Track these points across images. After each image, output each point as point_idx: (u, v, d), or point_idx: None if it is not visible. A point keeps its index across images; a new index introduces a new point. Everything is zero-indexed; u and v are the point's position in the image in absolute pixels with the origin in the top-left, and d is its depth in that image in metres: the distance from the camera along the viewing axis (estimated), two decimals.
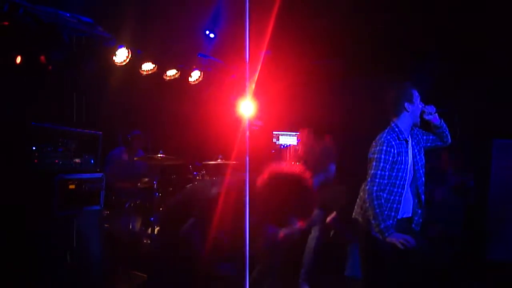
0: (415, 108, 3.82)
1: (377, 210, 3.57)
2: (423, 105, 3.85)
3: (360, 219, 3.86)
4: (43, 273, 4.05)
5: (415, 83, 3.90)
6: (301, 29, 6.15)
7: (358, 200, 3.95)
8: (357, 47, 6.52)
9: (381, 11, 5.55)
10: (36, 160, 4.14)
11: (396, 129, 3.81)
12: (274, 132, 7.86)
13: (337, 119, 6.95)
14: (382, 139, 3.73)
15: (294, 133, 7.77)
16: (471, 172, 6.75)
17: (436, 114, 3.86)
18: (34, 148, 4.13)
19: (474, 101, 6.60)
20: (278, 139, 7.81)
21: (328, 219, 5.25)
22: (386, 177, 3.67)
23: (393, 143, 3.72)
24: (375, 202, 3.58)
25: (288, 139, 7.79)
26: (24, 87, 4.86)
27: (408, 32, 6.11)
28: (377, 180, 3.63)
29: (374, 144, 3.79)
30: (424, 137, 4.02)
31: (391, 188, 3.73)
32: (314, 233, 5.53)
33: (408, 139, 3.84)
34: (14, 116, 4.48)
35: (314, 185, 3.44)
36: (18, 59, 4.67)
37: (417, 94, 3.84)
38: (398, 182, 3.72)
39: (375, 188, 3.62)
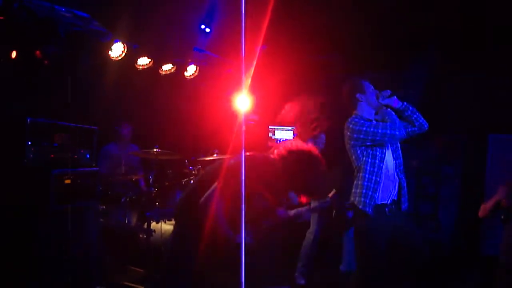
0: (367, 96, 4.02)
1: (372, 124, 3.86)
2: (377, 91, 4.02)
3: (356, 202, 3.90)
4: (40, 268, 4.05)
5: (365, 76, 4.05)
6: (298, 24, 6.14)
7: (354, 187, 3.99)
8: (354, 42, 6.52)
9: (379, 6, 5.55)
10: (31, 155, 4.13)
11: (359, 116, 4.02)
12: (270, 127, 7.86)
13: (333, 114, 6.96)
14: (350, 120, 4.00)
15: (290, 128, 7.77)
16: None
17: (394, 97, 3.96)
18: (29, 143, 4.12)
19: (470, 96, 6.63)
20: (274, 134, 7.82)
21: (330, 194, 5.26)
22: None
23: (362, 121, 3.94)
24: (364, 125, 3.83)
25: (284, 134, 7.79)
26: (20, 82, 4.84)
27: (407, 28, 6.11)
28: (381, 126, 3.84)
29: (346, 130, 4.01)
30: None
31: (372, 168, 3.85)
32: (312, 227, 5.55)
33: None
34: (9, 111, 4.47)
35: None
36: (14, 54, 4.65)
37: (368, 84, 4.06)
38: (375, 168, 3.82)
39: (388, 131, 3.80)
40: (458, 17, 5.70)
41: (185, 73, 6.99)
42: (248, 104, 2.66)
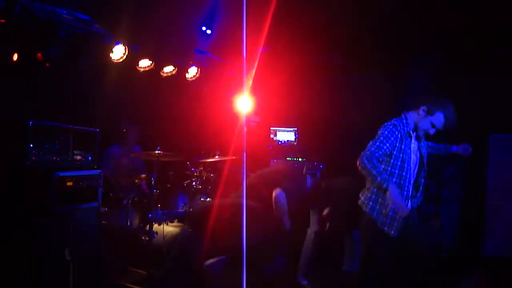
0: (424, 120, 3.92)
1: (369, 166, 3.65)
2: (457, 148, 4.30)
3: (364, 208, 3.90)
4: (41, 270, 4.05)
5: (450, 110, 3.91)
6: (299, 25, 6.14)
7: (365, 191, 3.98)
8: (354, 42, 6.52)
9: (379, 5, 5.55)
10: (33, 157, 4.14)
11: (404, 120, 3.95)
12: (271, 128, 7.87)
13: (335, 114, 6.96)
14: (391, 122, 3.91)
15: (292, 129, 7.78)
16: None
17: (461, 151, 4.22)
18: (31, 145, 4.13)
19: (471, 96, 6.62)
20: (275, 135, 7.82)
21: (324, 212, 5.28)
22: (381, 154, 3.76)
23: (399, 128, 3.87)
24: (369, 167, 3.65)
25: (285, 135, 7.80)
26: (21, 84, 4.85)
27: (407, 28, 6.11)
28: (368, 152, 3.73)
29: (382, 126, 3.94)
30: (425, 154, 4.16)
31: (396, 180, 3.80)
32: (313, 227, 5.55)
33: (412, 134, 3.95)
34: (11, 113, 4.47)
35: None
36: (15, 57, 4.66)
37: (441, 118, 3.88)
38: (399, 172, 3.81)
39: (364, 158, 3.70)
40: (458, 17, 5.70)
41: (187, 75, 7.00)
42: (249, 105, 2.68)
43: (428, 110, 3.87)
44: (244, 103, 2.63)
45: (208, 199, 6.44)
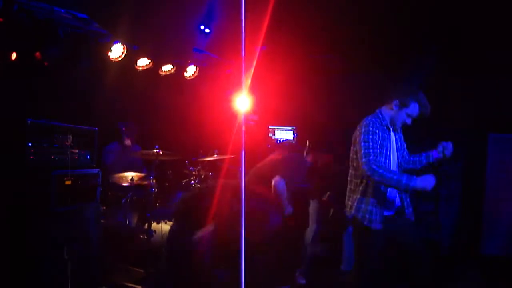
0: (400, 114, 3.89)
1: (387, 174, 3.57)
2: (437, 152, 3.95)
3: (360, 218, 3.89)
4: (40, 269, 4.06)
5: (422, 97, 3.89)
6: (298, 24, 6.14)
7: (346, 199, 3.98)
8: (354, 42, 6.52)
9: (378, 6, 5.55)
10: (32, 156, 4.14)
11: (380, 116, 3.92)
12: (270, 127, 7.88)
13: (334, 114, 6.97)
14: (367, 121, 3.83)
15: (290, 128, 7.78)
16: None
17: (441, 154, 3.92)
18: (30, 144, 4.13)
19: (470, 96, 6.63)
20: (274, 134, 7.83)
21: (324, 197, 5.30)
22: (378, 154, 3.71)
23: (378, 125, 3.82)
24: (381, 171, 3.59)
25: (284, 134, 7.80)
26: (20, 84, 4.85)
27: (407, 28, 6.11)
28: (371, 158, 3.66)
29: (358, 127, 3.87)
30: (404, 145, 4.15)
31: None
32: (312, 226, 5.55)
33: (390, 127, 3.94)
34: (10, 113, 4.47)
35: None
36: (14, 56, 4.66)
37: (416, 108, 3.86)
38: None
39: (371, 164, 3.63)
40: (458, 17, 5.70)
41: (185, 74, 6.99)
42: (248, 104, 2.67)
43: (401, 103, 3.85)
44: (242, 102, 2.63)
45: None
